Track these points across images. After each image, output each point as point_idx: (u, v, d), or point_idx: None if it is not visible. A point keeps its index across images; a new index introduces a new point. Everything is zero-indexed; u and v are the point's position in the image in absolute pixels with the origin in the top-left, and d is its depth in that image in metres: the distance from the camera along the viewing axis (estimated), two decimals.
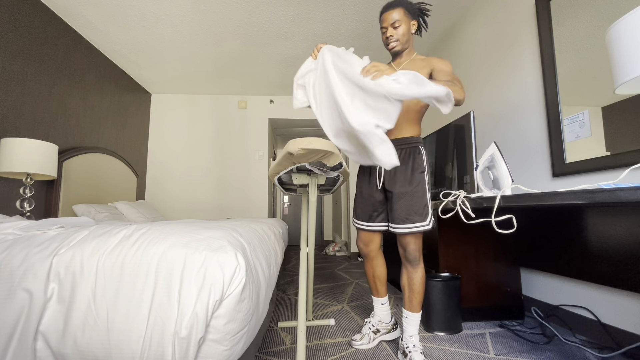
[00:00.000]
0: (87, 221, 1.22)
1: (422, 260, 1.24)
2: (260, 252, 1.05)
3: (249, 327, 0.82)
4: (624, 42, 0.74)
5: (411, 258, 1.23)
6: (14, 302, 0.70)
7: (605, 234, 1.28)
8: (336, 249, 4.32)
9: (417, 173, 1.22)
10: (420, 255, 1.23)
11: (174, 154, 3.80)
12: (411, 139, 1.27)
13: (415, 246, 1.22)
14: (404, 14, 1.22)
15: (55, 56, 2.29)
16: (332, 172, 1.04)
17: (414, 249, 1.22)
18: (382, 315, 1.41)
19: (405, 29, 1.23)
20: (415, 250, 1.22)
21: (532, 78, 1.73)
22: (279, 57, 3.03)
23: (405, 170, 1.23)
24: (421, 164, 1.24)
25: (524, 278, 1.76)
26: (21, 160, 1.75)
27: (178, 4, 2.24)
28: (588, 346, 1.32)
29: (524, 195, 0.94)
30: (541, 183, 1.65)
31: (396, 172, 1.24)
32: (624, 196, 0.66)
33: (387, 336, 1.40)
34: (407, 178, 1.22)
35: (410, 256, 1.23)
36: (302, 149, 0.80)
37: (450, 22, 2.49)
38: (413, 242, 1.22)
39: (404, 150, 1.25)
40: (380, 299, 1.42)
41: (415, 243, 1.22)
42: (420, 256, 1.23)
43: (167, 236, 0.82)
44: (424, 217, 1.19)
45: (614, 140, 1.28)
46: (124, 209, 2.63)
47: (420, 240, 1.23)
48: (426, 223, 1.19)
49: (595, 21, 1.36)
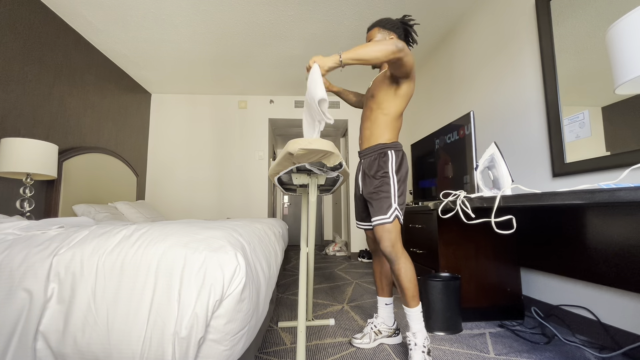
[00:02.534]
0: (87, 221, 1.22)
1: (402, 256, 1.24)
2: (260, 252, 1.05)
3: (249, 327, 0.82)
4: (624, 42, 0.74)
5: (386, 255, 1.25)
6: (14, 302, 0.70)
7: (606, 234, 1.28)
8: (336, 249, 4.32)
9: (379, 175, 1.30)
10: (396, 252, 1.24)
11: (174, 154, 3.80)
12: (377, 146, 1.34)
13: (387, 242, 1.24)
14: (378, 31, 1.38)
15: (55, 56, 2.29)
16: (332, 172, 1.04)
17: (385, 245, 1.24)
18: (385, 317, 1.41)
19: None
20: (388, 246, 1.24)
21: (532, 78, 1.73)
22: (279, 57, 3.03)
23: (370, 175, 1.34)
24: (384, 166, 1.30)
25: (524, 278, 1.76)
26: (21, 160, 1.75)
27: (178, 4, 2.24)
28: (588, 346, 1.32)
29: (524, 195, 0.94)
30: (541, 183, 1.65)
31: (365, 178, 1.37)
32: (624, 196, 0.66)
33: (389, 340, 1.39)
34: (371, 181, 1.32)
35: (385, 253, 1.25)
36: (302, 149, 0.80)
37: (450, 22, 2.49)
38: (385, 238, 1.24)
39: (371, 157, 1.35)
40: (384, 298, 1.43)
41: (387, 239, 1.24)
42: (397, 252, 1.24)
43: (167, 236, 0.82)
44: (385, 212, 1.25)
45: (614, 140, 1.28)
46: (124, 209, 2.63)
47: (392, 235, 1.24)
48: (386, 216, 1.24)
49: (595, 21, 1.36)
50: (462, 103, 2.43)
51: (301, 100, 3.99)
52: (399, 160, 1.32)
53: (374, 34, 1.39)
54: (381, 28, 1.38)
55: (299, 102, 3.99)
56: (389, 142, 1.34)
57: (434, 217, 1.73)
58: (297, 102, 3.99)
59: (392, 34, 1.37)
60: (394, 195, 1.27)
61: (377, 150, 1.34)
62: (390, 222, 1.24)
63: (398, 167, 1.30)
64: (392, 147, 1.33)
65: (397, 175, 1.29)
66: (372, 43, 1.13)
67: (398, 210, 1.26)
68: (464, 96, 2.40)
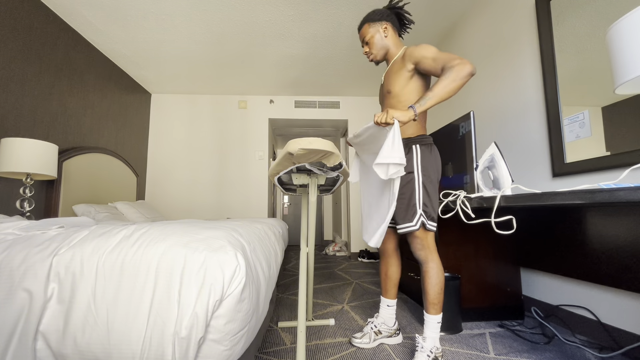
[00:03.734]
0: (87, 221, 1.22)
1: (432, 261, 1.19)
2: (260, 252, 1.05)
3: (249, 327, 0.82)
4: (624, 42, 0.74)
5: (416, 257, 1.23)
6: (14, 302, 0.70)
7: (606, 234, 1.28)
8: (336, 249, 4.32)
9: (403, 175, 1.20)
10: (426, 255, 1.19)
11: (174, 154, 3.80)
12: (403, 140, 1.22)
13: (416, 246, 1.21)
14: (369, 27, 1.30)
15: (55, 56, 2.29)
16: (332, 172, 1.04)
17: (414, 248, 1.22)
18: (386, 318, 1.39)
19: (376, 38, 1.29)
20: (417, 250, 1.21)
21: (532, 78, 1.73)
22: (279, 57, 3.03)
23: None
24: (409, 164, 1.19)
25: (524, 278, 1.76)
26: (21, 160, 1.75)
27: (178, 4, 2.24)
28: (588, 346, 1.31)
29: (524, 195, 0.94)
30: (541, 183, 1.65)
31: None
32: (624, 196, 0.66)
33: (389, 340, 1.38)
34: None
35: (414, 254, 1.23)
36: (302, 149, 0.80)
37: (450, 22, 2.49)
38: (413, 242, 1.22)
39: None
40: (387, 300, 1.40)
41: (416, 243, 1.21)
42: (426, 256, 1.19)
43: (167, 236, 0.82)
44: (411, 218, 1.17)
45: (614, 140, 1.27)
46: (124, 209, 2.63)
47: (421, 240, 1.20)
48: (412, 224, 1.17)
49: (595, 21, 1.36)
50: (462, 103, 2.44)
51: (301, 100, 3.99)
52: (426, 155, 1.19)
53: (366, 31, 1.30)
54: (371, 23, 1.29)
55: (299, 102, 3.99)
56: (414, 136, 1.22)
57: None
58: (297, 102, 3.99)
59: (384, 24, 1.29)
60: (419, 199, 1.17)
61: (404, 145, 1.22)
62: (416, 229, 1.16)
63: (425, 164, 1.18)
64: (417, 141, 1.21)
65: (423, 174, 1.18)
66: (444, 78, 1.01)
67: (424, 216, 1.16)
68: (464, 96, 2.40)
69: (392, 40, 1.30)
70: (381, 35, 1.29)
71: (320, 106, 4.00)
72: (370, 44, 1.31)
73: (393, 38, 1.30)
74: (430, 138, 1.25)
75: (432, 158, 1.21)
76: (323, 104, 4.00)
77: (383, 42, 1.29)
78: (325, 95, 4.00)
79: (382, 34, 1.29)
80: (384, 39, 1.29)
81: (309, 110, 4.00)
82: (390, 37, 1.29)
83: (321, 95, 4.01)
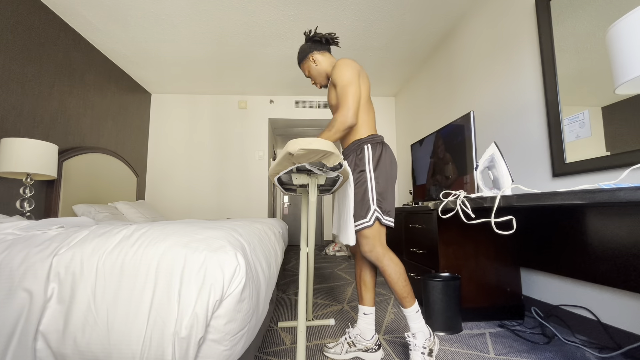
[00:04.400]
0: (87, 221, 1.22)
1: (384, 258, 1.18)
2: (260, 252, 1.05)
3: (249, 327, 0.82)
4: (624, 42, 0.74)
5: (367, 258, 1.21)
6: (14, 302, 0.70)
7: (606, 234, 1.28)
8: (336, 249, 4.32)
9: (355, 173, 1.22)
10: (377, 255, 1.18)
11: (174, 154, 3.80)
12: (353, 143, 1.27)
13: (364, 247, 1.19)
14: (303, 65, 1.44)
15: (55, 56, 2.29)
16: (332, 172, 1.04)
17: (363, 250, 1.20)
18: (362, 328, 1.28)
19: (312, 70, 1.42)
20: (366, 252, 1.19)
21: (532, 78, 1.73)
22: (279, 57, 3.03)
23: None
24: (360, 163, 1.22)
25: (524, 278, 1.76)
26: (21, 160, 1.75)
27: (178, 4, 2.24)
28: (588, 346, 1.32)
29: (524, 195, 0.94)
30: (541, 183, 1.65)
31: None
32: (624, 196, 0.66)
33: (365, 355, 1.25)
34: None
35: (365, 257, 1.21)
36: (302, 149, 0.80)
37: (450, 22, 2.49)
38: (362, 244, 1.20)
39: (348, 156, 1.29)
40: (363, 307, 1.30)
41: (365, 244, 1.19)
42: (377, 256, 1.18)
43: (167, 236, 0.82)
44: (364, 215, 1.18)
45: (614, 140, 1.28)
46: (124, 209, 2.63)
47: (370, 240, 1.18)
48: (366, 220, 1.18)
49: (595, 21, 1.36)
50: (462, 103, 2.43)
51: (301, 100, 4.00)
52: (377, 153, 1.22)
53: (303, 68, 1.44)
54: (302, 62, 1.42)
55: (299, 102, 3.99)
56: (364, 137, 1.26)
57: (434, 217, 1.73)
58: (297, 102, 3.99)
59: (310, 56, 1.39)
60: (372, 195, 1.18)
61: (354, 147, 1.27)
62: (370, 224, 1.17)
63: (376, 161, 1.21)
64: (368, 141, 1.24)
65: (374, 172, 1.20)
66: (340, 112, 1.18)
67: (379, 212, 1.18)
68: (464, 96, 2.40)
69: (325, 64, 1.39)
70: (313, 66, 1.40)
71: (320, 106, 4.00)
72: (311, 76, 1.44)
73: (324, 61, 1.39)
74: (382, 137, 1.28)
75: (385, 155, 1.24)
76: (323, 104, 4.00)
77: (318, 69, 1.40)
78: (325, 95, 4.00)
79: (313, 64, 1.40)
80: (317, 67, 1.40)
81: (309, 110, 4.00)
82: (320, 62, 1.39)
83: (321, 95, 4.01)
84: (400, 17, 2.41)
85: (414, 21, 2.46)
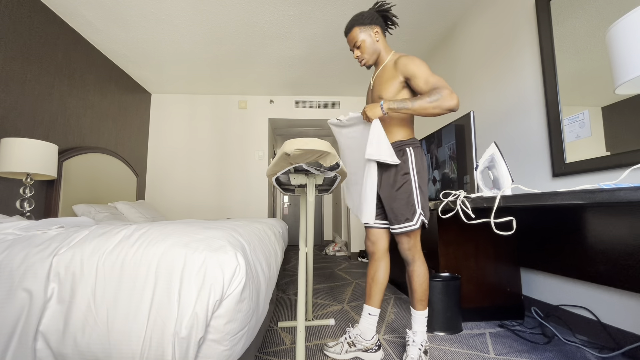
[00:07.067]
0: (87, 221, 1.22)
1: (419, 259, 1.24)
2: (260, 252, 1.05)
3: (249, 327, 0.82)
4: (624, 42, 0.74)
5: (403, 256, 1.26)
6: (14, 302, 0.70)
7: (606, 234, 1.28)
8: (336, 249, 4.32)
9: (399, 176, 1.22)
10: (413, 254, 1.24)
11: (174, 154, 3.80)
12: (395, 143, 1.26)
13: (406, 245, 1.23)
14: (360, 31, 1.26)
15: (55, 56, 2.29)
16: (330, 172, 1.04)
17: (404, 248, 1.24)
18: (364, 329, 1.27)
19: (368, 42, 1.27)
20: (406, 249, 1.24)
21: (532, 78, 1.73)
22: (279, 57, 3.03)
23: (389, 174, 1.25)
24: (404, 166, 1.22)
25: (524, 278, 1.76)
26: (21, 160, 1.75)
27: (178, 4, 2.24)
28: (588, 346, 1.32)
29: (524, 195, 0.94)
30: (541, 183, 1.65)
31: (382, 176, 1.27)
32: (624, 196, 0.66)
33: (365, 355, 1.26)
34: (390, 182, 1.25)
35: (402, 254, 1.26)
36: (299, 150, 0.80)
37: (450, 22, 2.49)
38: (404, 242, 1.24)
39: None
40: (369, 307, 1.29)
41: (407, 242, 1.23)
42: (414, 255, 1.24)
43: (167, 236, 0.82)
44: (411, 217, 1.20)
45: (614, 140, 1.27)
46: (124, 209, 2.63)
47: (412, 239, 1.23)
48: (413, 223, 1.20)
49: (595, 21, 1.36)
50: (462, 103, 2.43)
51: (301, 100, 3.99)
52: (418, 157, 1.23)
53: (356, 35, 1.26)
54: (361, 26, 1.26)
55: (299, 102, 3.99)
56: (406, 139, 1.26)
57: (434, 217, 1.73)
58: (297, 102, 3.99)
59: (375, 27, 1.26)
60: (417, 199, 1.20)
61: (396, 148, 1.25)
62: (417, 227, 1.19)
63: (419, 166, 1.23)
64: (410, 144, 1.24)
65: (418, 175, 1.22)
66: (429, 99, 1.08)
67: (423, 215, 1.20)
68: (464, 96, 2.40)
69: (383, 44, 1.29)
70: (372, 39, 1.26)
71: (320, 106, 4.00)
72: (362, 48, 1.28)
73: (383, 42, 1.29)
74: (419, 142, 1.29)
75: (423, 160, 1.26)
76: (323, 104, 4.00)
77: (375, 46, 1.27)
78: (325, 95, 4.00)
79: (373, 38, 1.26)
80: (375, 43, 1.27)
81: (309, 110, 4.00)
82: (381, 40, 1.28)
83: (321, 95, 4.01)
84: (400, 17, 2.41)
85: (414, 21, 2.46)
